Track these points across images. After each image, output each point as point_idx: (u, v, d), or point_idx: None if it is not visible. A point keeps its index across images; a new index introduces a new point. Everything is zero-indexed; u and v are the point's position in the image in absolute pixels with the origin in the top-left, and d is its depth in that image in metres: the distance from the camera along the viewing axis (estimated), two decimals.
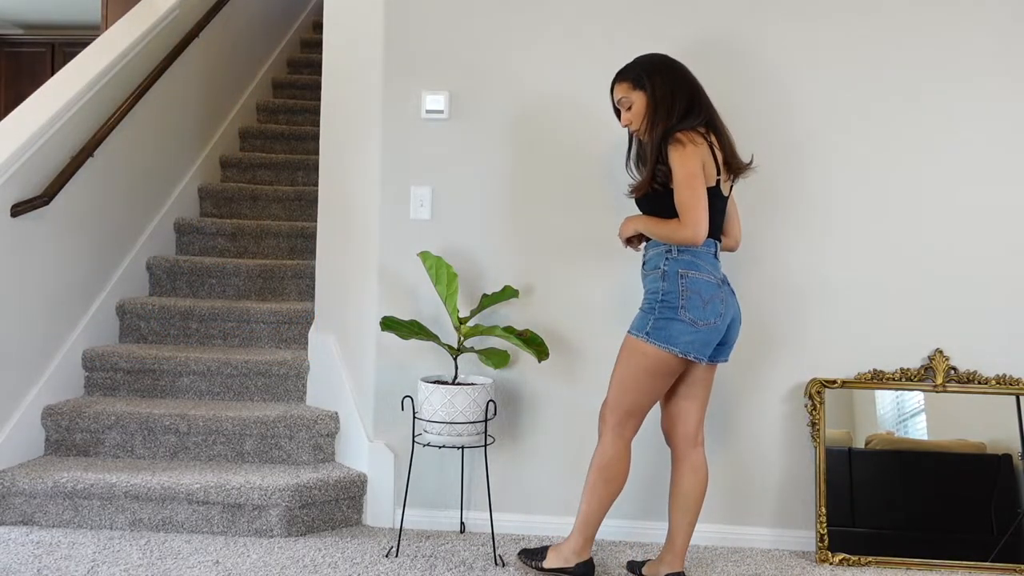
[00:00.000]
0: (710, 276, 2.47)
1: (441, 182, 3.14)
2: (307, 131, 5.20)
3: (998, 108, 3.00)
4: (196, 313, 3.86)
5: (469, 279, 3.12)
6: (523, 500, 3.11)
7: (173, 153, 4.46)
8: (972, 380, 2.97)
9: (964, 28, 3.00)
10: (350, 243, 3.37)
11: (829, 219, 3.04)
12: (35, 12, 7.60)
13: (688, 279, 2.46)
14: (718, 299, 2.46)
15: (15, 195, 3.20)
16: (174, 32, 4.35)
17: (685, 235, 2.40)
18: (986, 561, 2.87)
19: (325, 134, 3.61)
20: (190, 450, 3.30)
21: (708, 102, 2.55)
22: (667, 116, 2.49)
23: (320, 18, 4.80)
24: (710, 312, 2.45)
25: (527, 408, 3.12)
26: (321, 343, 3.52)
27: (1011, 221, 3.00)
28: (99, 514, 3.02)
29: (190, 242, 4.45)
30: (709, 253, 2.50)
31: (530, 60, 3.10)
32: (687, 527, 2.63)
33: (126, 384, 3.59)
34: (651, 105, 2.52)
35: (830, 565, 2.91)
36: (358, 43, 3.34)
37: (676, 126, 2.47)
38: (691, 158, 2.42)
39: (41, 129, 3.31)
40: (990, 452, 2.96)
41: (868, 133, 3.03)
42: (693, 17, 3.06)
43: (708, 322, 2.44)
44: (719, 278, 2.50)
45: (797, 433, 3.05)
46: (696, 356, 2.46)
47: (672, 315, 2.45)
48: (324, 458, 3.33)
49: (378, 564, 2.79)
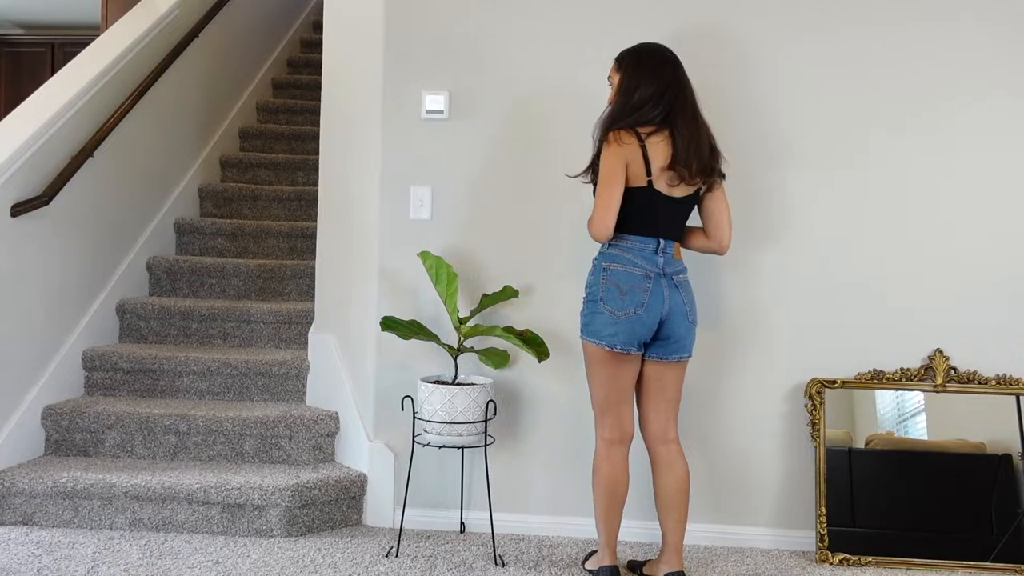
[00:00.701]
0: (635, 269, 2.50)
1: (441, 182, 3.14)
2: (307, 131, 5.20)
3: (998, 108, 3.00)
4: (196, 313, 3.86)
5: (469, 279, 3.12)
6: (523, 500, 3.11)
7: (173, 153, 4.46)
8: (972, 380, 2.97)
9: (951, 20, 3.00)
10: (350, 243, 3.37)
11: (829, 219, 3.03)
12: (35, 12, 7.60)
13: (609, 272, 2.52)
14: (640, 290, 2.48)
15: (15, 195, 3.20)
16: (174, 32, 4.34)
17: (590, 230, 2.51)
18: (986, 561, 2.87)
19: (325, 134, 3.61)
20: (190, 450, 3.30)
21: (675, 102, 2.52)
22: (620, 107, 2.54)
23: (320, 18, 4.78)
24: (628, 302, 2.48)
25: (527, 408, 3.12)
26: (321, 343, 3.52)
27: (1011, 221, 3.00)
28: (99, 514, 3.02)
29: (190, 242, 4.45)
30: (645, 248, 2.52)
31: (530, 60, 3.10)
32: (674, 524, 2.63)
33: (126, 384, 3.59)
34: (617, 91, 2.58)
35: (830, 565, 2.91)
36: (358, 43, 3.34)
37: (617, 123, 2.51)
38: (610, 157, 2.48)
39: (41, 129, 3.31)
40: (990, 452, 2.96)
41: (868, 133, 3.03)
42: (695, 17, 3.06)
43: (627, 312, 2.48)
44: (651, 272, 2.50)
45: (797, 433, 3.05)
46: (622, 347, 2.49)
47: (595, 308, 2.53)
48: (324, 458, 3.33)
49: (378, 564, 2.79)
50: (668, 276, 2.53)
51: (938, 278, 3.01)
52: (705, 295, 3.04)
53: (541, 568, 2.80)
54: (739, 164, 3.03)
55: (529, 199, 3.09)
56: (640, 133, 2.49)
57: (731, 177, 3.03)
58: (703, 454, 3.06)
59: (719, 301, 3.06)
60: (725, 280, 3.05)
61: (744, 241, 3.03)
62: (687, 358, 2.62)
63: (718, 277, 3.05)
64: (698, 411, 3.06)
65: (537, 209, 3.10)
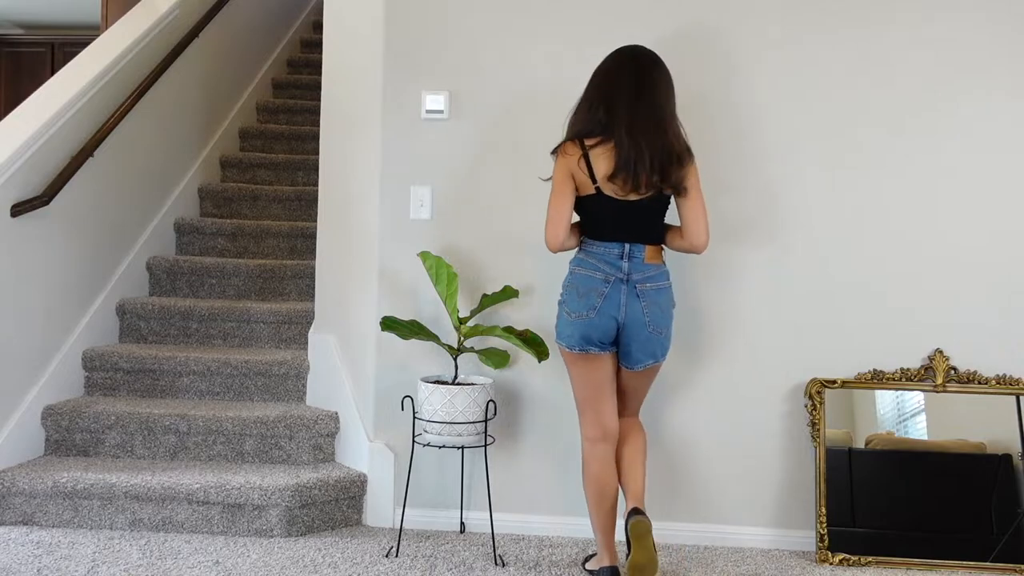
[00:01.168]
0: (595, 273, 2.53)
1: (441, 182, 3.14)
2: (307, 131, 5.20)
3: (999, 108, 3.00)
4: (196, 313, 3.86)
5: (469, 279, 3.12)
6: (523, 500, 3.11)
7: (173, 153, 4.46)
8: (972, 380, 2.97)
9: (951, 19, 3.00)
10: (350, 243, 3.37)
11: (830, 219, 3.03)
12: (35, 12, 7.60)
13: (573, 275, 2.59)
14: (595, 293, 2.52)
15: (15, 195, 3.20)
16: (174, 32, 4.34)
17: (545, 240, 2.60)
18: (986, 561, 2.87)
19: (325, 134, 3.61)
20: (190, 450, 3.30)
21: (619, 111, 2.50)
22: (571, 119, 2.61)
23: (320, 18, 4.78)
24: (582, 305, 2.53)
25: (527, 408, 3.12)
26: (321, 343, 3.52)
27: (1012, 221, 3.00)
28: (99, 514, 3.02)
29: (190, 242, 4.45)
30: (609, 253, 2.54)
31: (530, 60, 3.11)
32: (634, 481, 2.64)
33: (126, 384, 3.59)
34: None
35: (830, 565, 2.91)
36: (358, 43, 3.34)
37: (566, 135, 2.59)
38: (557, 170, 2.57)
39: (41, 129, 3.31)
40: (990, 452, 2.96)
41: (868, 133, 3.03)
42: (695, 16, 3.06)
43: (580, 314, 2.53)
44: (611, 276, 2.52)
45: (797, 433, 3.05)
46: (579, 348, 2.56)
47: (560, 310, 2.63)
48: (324, 458, 3.33)
49: (378, 564, 2.79)
50: (632, 283, 2.52)
51: (938, 278, 3.01)
52: (705, 295, 3.05)
53: (541, 568, 2.80)
54: (741, 164, 3.04)
55: (529, 199, 3.09)
56: (585, 144, 2.52)
57: (732, 176, 3.04)
58: (703, 453, 3.07)
59: (719, 301, 3.06)
60: (725, 280, 3.05)
61: (744, 241, 3.04)
62: (652, 365, 2.61)
63: (718, 277, 3.05)
64: (698, 410, 3.06)
65: (537, 209, 3.09)
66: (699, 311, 3.06)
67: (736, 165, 3.05)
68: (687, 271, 3.02)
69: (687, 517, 3.06)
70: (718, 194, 3.00)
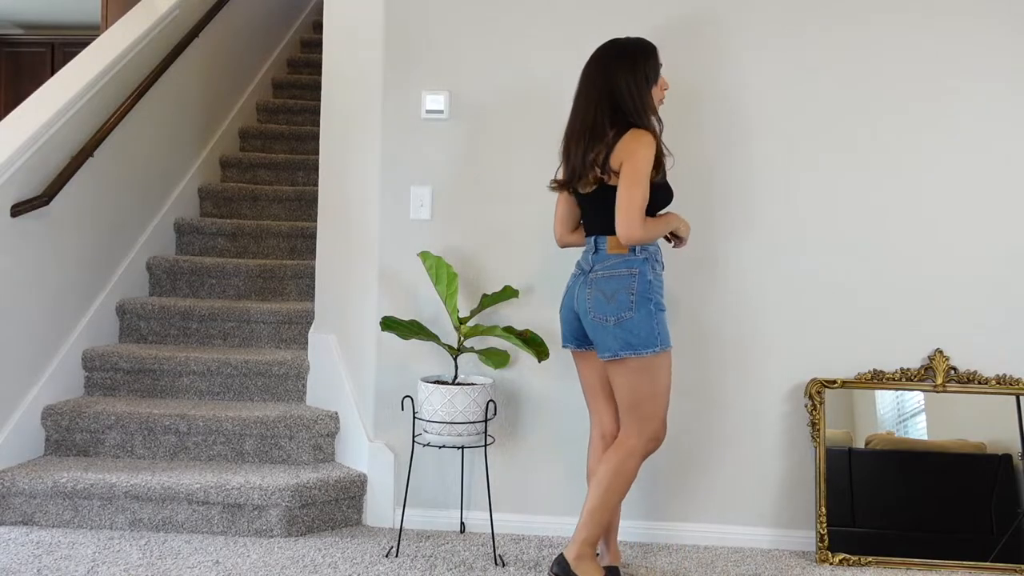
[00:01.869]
0: (575, 269, 2.62)
1: (441, 182, 3.14)
2: (307, 131, 5.20)
3: (998, 108, 3.00)
4: (196, 313, 3.86)
5: (469, 279, 3.12)
6: (523, 500, 3.11)
7: (173, 153, 4.47)
8: (972, 380, 2.97)
9: (950, 20, 3.00)
10: (350, 243, 3.37)
11: (830, 220, 3.03)
12: (35, 12, 7.60)
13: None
14: (568, 289, 2.63)
15: (15, 195, 3.20)
16: (174, 32, 4.34)
17: None
18: (986, 561, 2.87)
19: (325, 134, 3.61)
20: (190, 450, 3.30)
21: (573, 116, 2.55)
22: None
23: (320, 18, 4.79)
24: (562, 302, 2.66)
25: (527, 408, 3.12)
26: (321, 343, 3.52)
27: (1011, 221, 3.00)
28: (99, 514, 3.02)
29: (190, 242, 4.45)
30: (586, 250, 2.59)
31: (530, 60, 3.10)
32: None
33: (126, 384, 3.59)
34: None
35: (830, 565, 2.91)
36: (358, 43, 3.34)
37: None
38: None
39: (41, 129, 3.31)
40: (990, 452, 2.96)
41: (869, 133, 3.03)
42: (696, 13, 3.06)
43: (560, 311, 2.66)
44: (580, 271, 2.58)
45: (797, 433, 3.05)
46: (564, 343, 2.67)
47: None
48: (324, 458, 3.33)
49: (378, 564, 2.79)
50: (587, 273, 2.54)
51: (938, 278, 3.01)
52: (704, 295, 3.04)
53: (541, 568, 2.80)
54: (741, 163, 3.04)
55: (529, 199, 3.09)
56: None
57: (732, 176, 3.04)
58: (703, 454, 3.06)
59: (719, 301, 3.06)
60: (725, 280, 3.05)
61: (744, 241, 3.04)
62: (612, 358, 2.45)
63: (717, 277, 3.05)
64: (698, 410, 3.06)
65: (538, 209, 3.10)
66: (698, 311, 3.06)
67: (736, 165, 3.04)
68: (687, 271, 3.02)
69: (687, 517, 3.06)
70: (717, 194, 3.00)
